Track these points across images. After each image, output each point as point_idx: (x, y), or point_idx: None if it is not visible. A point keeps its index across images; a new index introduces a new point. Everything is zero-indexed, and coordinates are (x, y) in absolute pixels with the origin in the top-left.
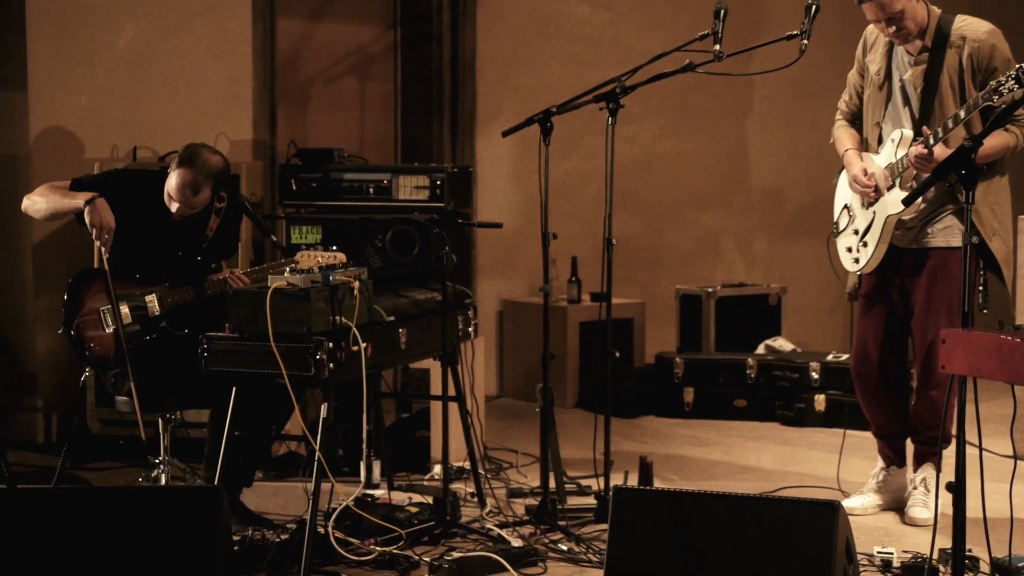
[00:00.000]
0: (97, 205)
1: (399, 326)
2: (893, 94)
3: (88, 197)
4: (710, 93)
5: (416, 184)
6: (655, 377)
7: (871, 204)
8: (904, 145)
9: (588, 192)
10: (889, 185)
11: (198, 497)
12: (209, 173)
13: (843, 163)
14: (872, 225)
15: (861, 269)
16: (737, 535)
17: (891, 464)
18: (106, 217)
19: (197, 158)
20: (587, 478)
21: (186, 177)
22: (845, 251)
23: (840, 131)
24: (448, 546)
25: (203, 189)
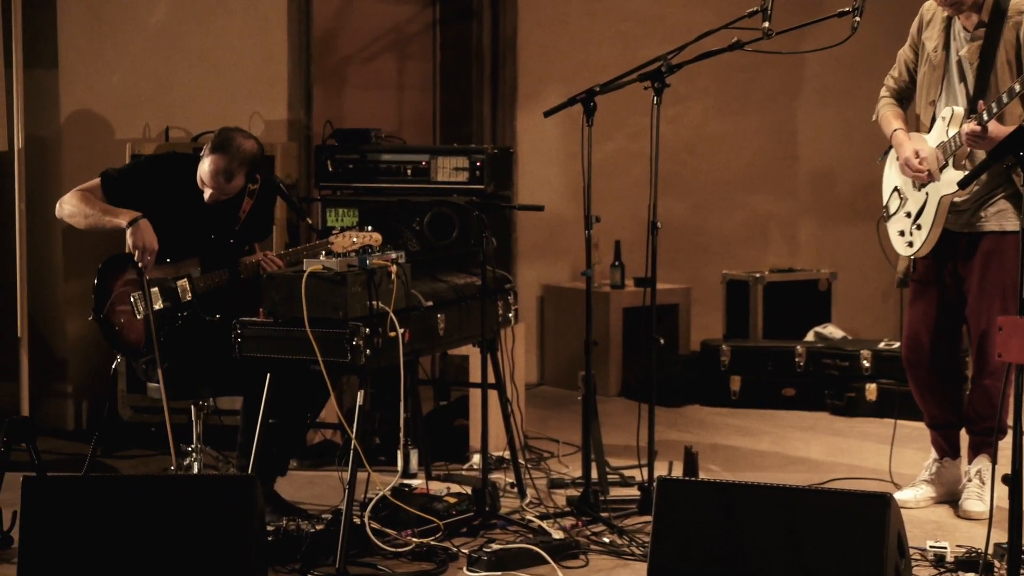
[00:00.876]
0: (140, 226)
1: (437, 311)
2: (949, 71)
3: (131, 217)
4: (759, 72)
5: (455, 165)
6: (701, 365)
7: (923, 185)
8: (955, 123)
9: (632, 174)
10: (942, 165)
11: (231, 486)
12: (243, 159)
13: (891, 143)
14: (926, 207)
15: (916, 253)
16: (785, 528)
17: (944, 455)
18: (148, 239)
19: (231, 144)
20: (630, 468)
21: (219, 164)
22: (897, 235)
23: (886, 109)
24: (487, 538)
25: (237, 176)
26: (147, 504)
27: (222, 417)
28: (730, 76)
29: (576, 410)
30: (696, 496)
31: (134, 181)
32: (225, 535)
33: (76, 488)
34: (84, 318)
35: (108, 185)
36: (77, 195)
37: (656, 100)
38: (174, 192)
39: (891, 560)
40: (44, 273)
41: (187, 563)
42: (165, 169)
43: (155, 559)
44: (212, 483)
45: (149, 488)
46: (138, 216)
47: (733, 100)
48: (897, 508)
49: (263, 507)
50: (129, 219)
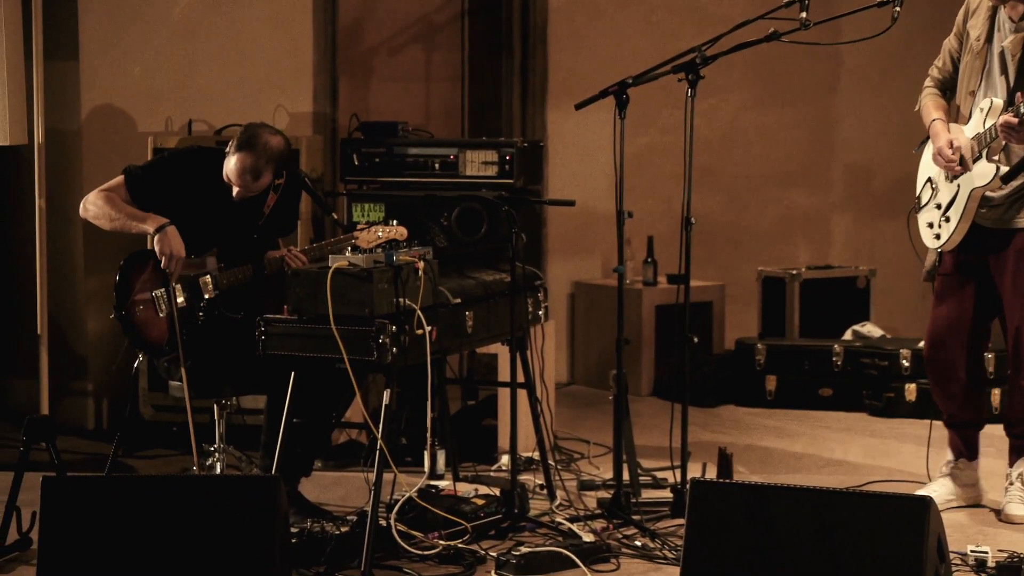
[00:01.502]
0: (168, 233)
1: (466, 309)
2: (990, 62)
3: (158, 224)
4: (796, 64)
5: (484, 159)
6: (735, 364)
7: (955, 177)
8: (993, 114)
9: (666, 168)
10: (975, 157)
11: (255, 487)
12: (271, 157)
13: (929, 133)
14: (956, 199)
15: (942, 245)
16: (822, 531)
17: (960, 456)
18: (176, 246)
19: (257, 141)
20: (663, 470)
21: (246, 162)
22: (926, 227)
23: (928, 99)
24: (516, 540)
25: (264, 174)
26: (169, 505)
27: (245, 416)
28: (766, 68)
29: (607, 410)
30: (730, 498)
31: (158, 177)
32: (248, 537)
33: (96, 489)
34: (105, 315)
35: (132, 183)
36: (101, 196)
37: (690, 92)
38: (198, 187)
39: (930, 565)
40: (64, 269)
41: (209, 566)
42: (189, 164)
43: (177, 561)
44: (235, 484)
45: (171, 489)
46: (165, 223)
47: (769, 92)
48: (937, 511)
49: (287, 508)
50: (156, 225)
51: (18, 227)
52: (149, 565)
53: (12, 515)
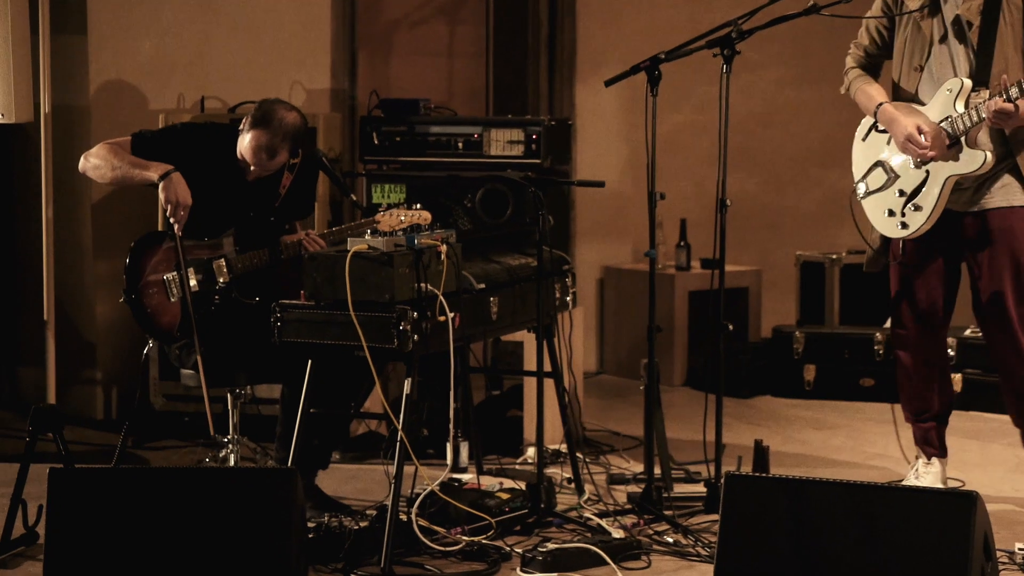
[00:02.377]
0: (173, 180)
1: (490, 294)
2: (944, 33)
3: (163, 170)
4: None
5: (510, 138)
6: (772, 353)
7: (924, 163)
8: (964, 96)
9: (700, 148)
10: (950, 143)
11: (270, 479)
12: (286, 134)
13: (878, 118)
14: (926, 186)
15: (912, 234)
16: (863, 528)
17: (933, 456)
18: (182, 194)
19: (273, 117)
20: (696, 464)
21: (261, 140)
22: (883, 214)
23: (861, 82)
24: (542, 536)
25: (280, 152)
26: (180, 498)
27: (260, 406)
28: (806, 42)
29: (638, 401)
30: (766, 493)
31: (168, 147)
32: (263, 532)
33: (105, 481)
34: (114, 300)
35: (139, 145)
36: (105, 147)
37: (726, 68)
38: (211, 164)
39: (976, 563)
40: (72, 252)
41: (223, 561)
42: (202, 139)
43: (189, 557)
44: (249, 476)
45: (183, 481)
46: (171, 169)
47: (809, 68)
48: (984, 507)
49: (304, 502)
50: (161, 172)
51: (23, 208)
52: (160, 561)
53: (18, 508)
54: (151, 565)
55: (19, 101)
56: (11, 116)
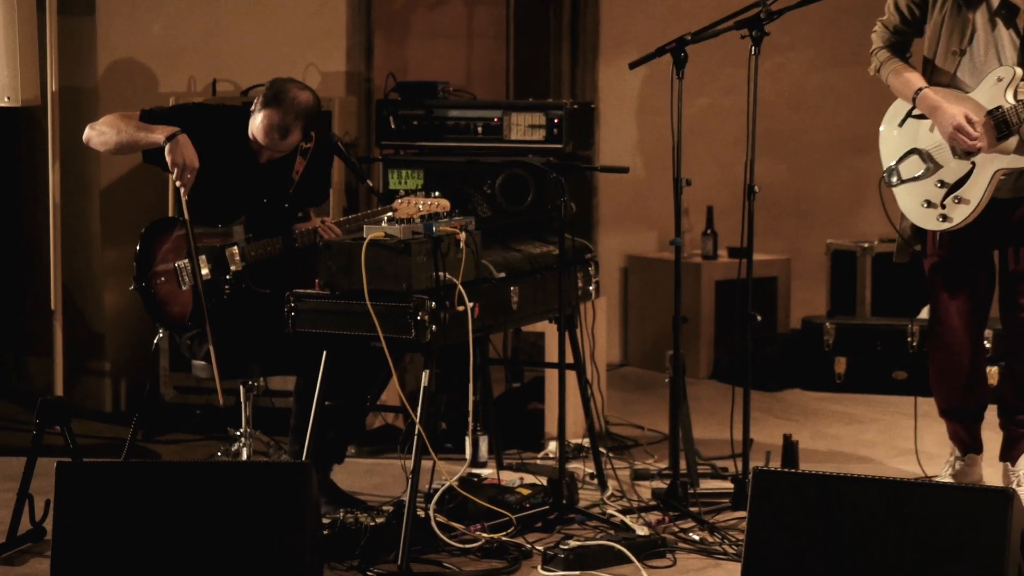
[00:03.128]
0: (180, 141)
1: (510, 284)
2: (990, 17)
3: (169, 132)
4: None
5: (531, 122)
6: (802, 345)
7: (971, 154)
8: (1014, 86)
9: (727, 132)
10: (1000, 135)
11: (284, 474)
12: (299, 113)
13: (918, 105)
14: (971, 178)
15: (955, 227)
16: (895, 525)
17: (968, 451)
18: (189, 155)
19: (285, 96)
20: (723, 459)
21: (273, 119)
22: (920, 205)
23: (895, 64)
24: (564, 533)
25: (293, 131)
26: (191, 493)
27: (273, 399)
28: (837, 23)
29: (663, 394)
30: (796, 489)
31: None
32: (277, 528)
33: (114, 475)
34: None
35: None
36: (112, 115)
37: (754, 50)
38: (222, 147)
39: (1013, 561)
40: (80, 240)
41: (235, 558)
42: (213, 120)
43: (200, 553)
44: (262, 470)
45: (194, 475)
46: (176, 131)
47: (840, 50)
48: (1020, 504)
49: (318, 497)
50: (167, 134)
51: (30, 194)
52: (170, 557)
53: (25, 503)
54: (161, 562)
55: (25, 84)
56: (17, 99)
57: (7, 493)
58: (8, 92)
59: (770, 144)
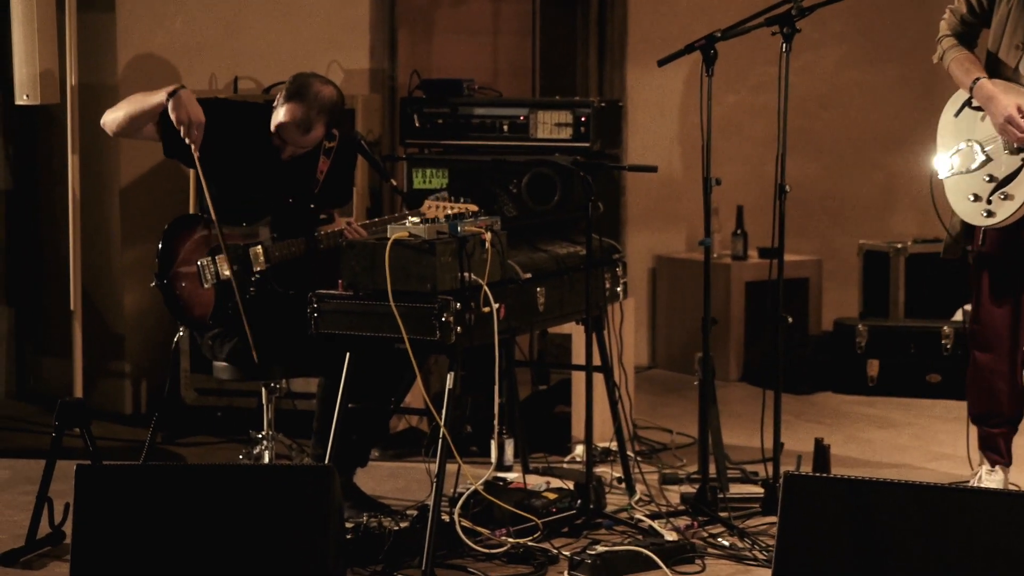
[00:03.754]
0: (182, 97)
1: (537, 285)
2: None
3: (170, 89)
4: (902, 15)
5: (557, 121)
6: (834, 347)
7: (1022, 149)
8: None
9: (757, 131)
10: None
11: (306, 477)
12: (322, 107)
13: (974, 95)
14: (1020, 174)
15: (998, 224)
16: (930, 531)
17: (997, 464)
18: (194, 111)
19: (307, 91)
20: (753, 463)
21: (296, 113)
22: (967, 199)
23: (958, 52)
24: (591, 538)
25: (315, 126)
26: (212, 496)
27: (296, 401)
28: (869, 20)
29: (692, 396)
30: (827, 494)
31: None
32: (299, 532)
33: (134, 478)
34: (144, 289)
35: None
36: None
37: (785, 47)
38: (245, 143)
39: None
40: (99, 239)
41: (257, 562)
42: (236, 116)
43: (221, 558)
44: (285, 474)
45: (215, 479)
46: (178, 87)
47: (872, 47)
48: None
49: (341, 501)
50: (168, 91)
51: (49, 193)
52: (191, 562)
53: (43, 507)
54: (182, 566)
55: (45, 82)
56: (36, 97)
57: (26, 496)
58: (27, 90)
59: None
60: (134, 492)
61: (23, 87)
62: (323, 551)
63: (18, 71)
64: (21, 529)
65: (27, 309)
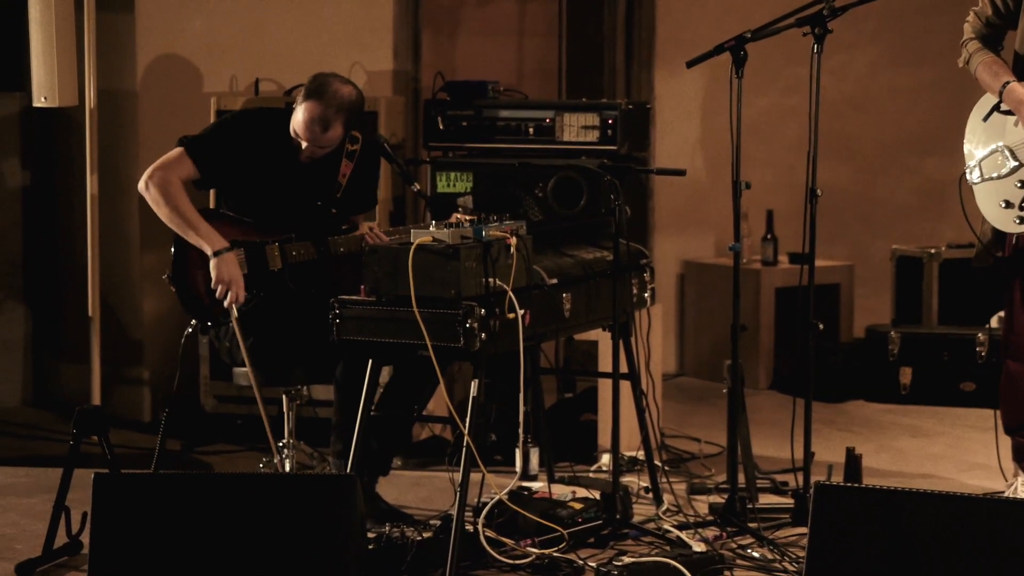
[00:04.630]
0: (225, 259)
1: (563, 290)
2: None
3: (216, 247)
4: (935, 15)
5: (584, 123)
6: (865, 354)
7: None
8: None
9: (787, 134)
10: None
11: (328, 486)
12: (341, 106)
13: (1003, 99)
14: None
15: None
16: (963, 542)
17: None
18: (234, 273)
19: (326, 89)
20: (783, 473)
21: (314, 111)
22: (998, 205)
23: (984, 55)
24: (618, 549)
25: (334, 125)
26: (232, 506)
27: (317, 409)
28: (903, 20)
29: (720, 405)
30: (859, 505)
31: (221, 145)
32: (320, 542)
33: (153, 487)
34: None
35: (195, 153)
36: (157, 183)
37: (816, 48)
38: (265, 152)
39: None
40: (118, 245)
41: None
42: (253, 126)
43: (241, 568)
44: (306, 483)
45: (235, 487)
46: (225, 247)
47: (906, 49)
48: None
49: (364, 511)
50: (215, 249)
51: (67, 197)
52: (210, 572)
53: (61, 516)
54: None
55: (63, 84)
56: (55, 100)
57: (43, 505)
58: (45, 92)
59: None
60: (153, 501)
61: (41, 89)
62: (344, 562)
63: (36, 73)
64: (38, 538)
65: (44, 314)
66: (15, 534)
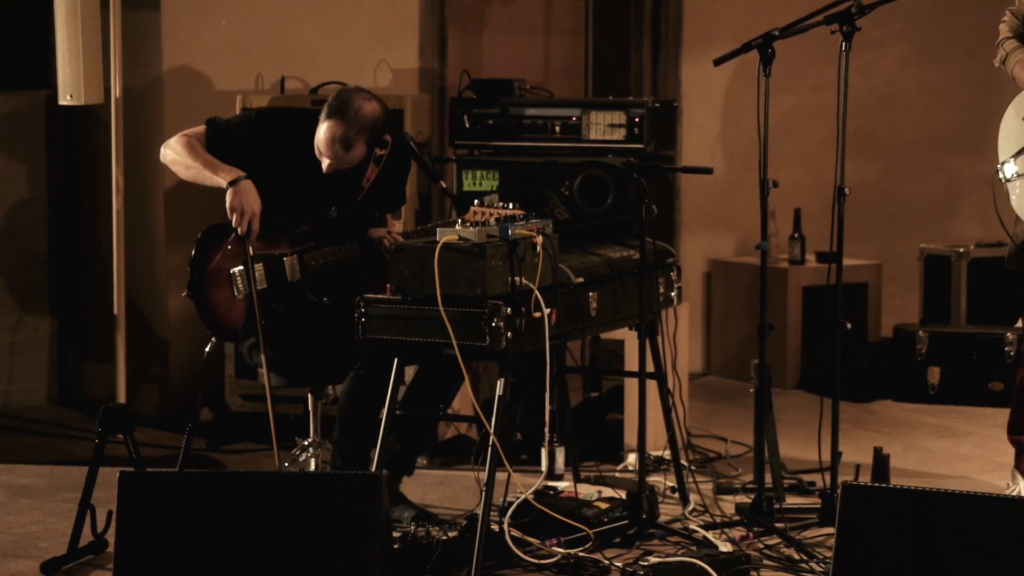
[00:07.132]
0: (241, 187)
1: (589, 289)
2: None
3: (232, 176)
4: (965, 13)
5: (610, 121)
6: (893, 354)
7: None
8: None
9: (815, 132)
10: None
11: (353, 485)
12: (364, 126)
13: None
14: None
15: None
16: (991, 543)
17: None
18: (250, 201)
19: (349, 108)
20: (810, 472)
21: (336, 131)
22: None
23: (1021, 54)
24: (644, 549)
25: (356, 145)
26: (258, 504)
27: None
28: (931, 18)
29: (747, 404)
30: (886, 505)
31: (243, 138)
32: (346, 541)
33: (178, 485)
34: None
35: (213, 136)
36: (182, 140)
37: (844, 46)
38: (288, 154)
39: None
40: (143, 243)
41: (303, 572)
42: (279, 126)
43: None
44: (331, 481)
45: (259, 486)
46: (241, 176)
47: (934, 46)
48: None
49: (389, 510)
50: (230, 178)
51: (92, 196)
52: (235, 571)
53: (86, 514)
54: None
55: (89, 82)
56: (80, 98)
57: (68, 503)
58: (71, 90)
59: (861, 144)
60: (178, 500)
61: (67, 87)
62: (370, 560)
63: (61, 71)
64: (63, 537)
65: (70, 314)
66: (40, 532)
